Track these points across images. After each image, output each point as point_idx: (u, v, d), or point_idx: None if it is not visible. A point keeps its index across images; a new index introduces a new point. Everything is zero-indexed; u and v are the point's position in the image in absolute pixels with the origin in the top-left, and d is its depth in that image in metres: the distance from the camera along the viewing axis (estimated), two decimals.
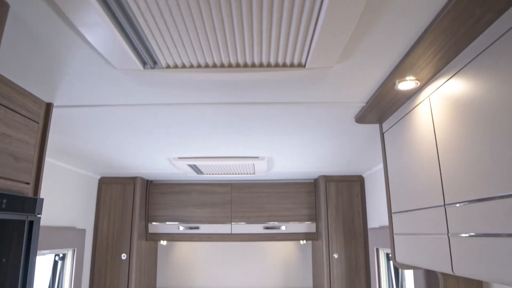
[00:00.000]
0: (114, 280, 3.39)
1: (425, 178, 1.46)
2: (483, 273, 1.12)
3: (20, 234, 1.37)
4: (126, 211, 3.50)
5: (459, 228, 1.23)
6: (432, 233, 1.41)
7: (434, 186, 1.38)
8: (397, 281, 2.98)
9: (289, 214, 3.68)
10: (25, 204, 1.31)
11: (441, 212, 1.33)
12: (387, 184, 1.88)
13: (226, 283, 4.08)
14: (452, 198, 1.26)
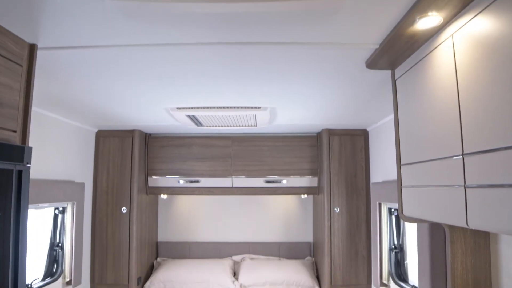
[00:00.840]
0: (116, 233, 3.40)
1: (442, 126, 1.36)
2: (501, 226, 1.05)
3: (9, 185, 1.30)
4: (125, 165, 3.45)
5: (477, 179, 1.15)
6: (446, 185, 1.33)
7: (452, 135, 1.28)
8: (398, 236, 2.98)
9: (290, 168, 3.62)
10: (12, 153, 1.22)
11: (459, 162, 1.24)
12: (397, 135, 1.78)
13: (226, 237, 4.12)
14: (472, 146, 1.17)
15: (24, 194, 1.33)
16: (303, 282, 3.57)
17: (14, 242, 1.40)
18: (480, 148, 1.13)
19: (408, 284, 2.73)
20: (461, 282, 1.71)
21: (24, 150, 1.29)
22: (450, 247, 1.70)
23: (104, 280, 3.39)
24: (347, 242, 3.36)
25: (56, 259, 2.97)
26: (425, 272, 2.09)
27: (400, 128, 1.76)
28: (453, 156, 1.27)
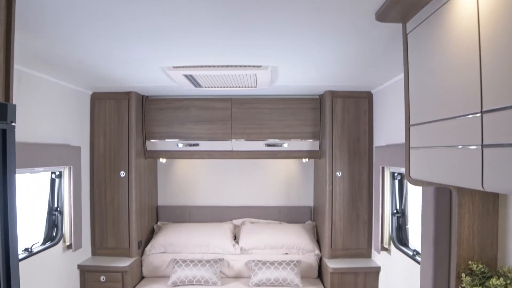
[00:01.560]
0: (115, 197, 3.37)
1: (459, 82, 1.25)
2: None
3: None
4: (122, 128, 3.36)
5: (496, 138, 1.06)
6: (460, 145, 1.24)
7: (470, 91, 1.18)
8: (400, 200, 2.94)
9: (291, 131, 3.54)
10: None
11: (476, 120, 1.14)
12: (406, 94, 1.68)
13: (227, 201, 4.10)
14: (492, 103, 1.07)
15: (10, 155, 1.24)
16: (303, 246, 3.58)
17: (3, 207, 1.33)
18: (501, 104, 1.03)
19: (409, 249, 2.71)
20: (467, 247, 1.67)
21: (7, 107, 1.19)
22: (458, 211, 1.65)
23: (105, 244, 3.40)
24: (348, 207, 3.33)
25: (55, 224, 2.96)
26: (429, 236, 2.05)
27: (411, 86, 1.65)
28: (470, 114, 1.18)
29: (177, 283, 3.30)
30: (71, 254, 3.06)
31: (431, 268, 2.03)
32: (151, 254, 3.59)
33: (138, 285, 3.38)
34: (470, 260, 1.67)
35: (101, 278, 3.17)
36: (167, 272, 3.52)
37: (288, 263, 3.38)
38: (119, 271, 3.18)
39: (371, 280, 3.18)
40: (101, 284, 3.18)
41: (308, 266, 3.52)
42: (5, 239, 1.30)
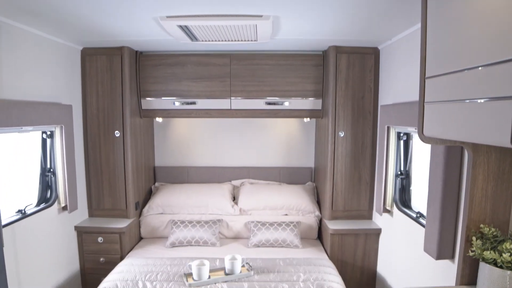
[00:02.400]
0: (110, 157, 3.27)
1: (488, 28, 1.09)
2: None
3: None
4: (116, 86, 3.19)
5: None
6: (484, 98, 1.11)
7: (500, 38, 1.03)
8: (405, 161, 2.84)
9: (293, 89, 3.37)
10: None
11: (506, 69, 1.00)
12: (423, 44, 1.51)
13: (225, 161, 4.01)
14: None
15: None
16: (303, 207, 3.53)
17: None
18: None
19: (412, 211, 2.65)
20: (479, 209, 1.58)
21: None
22: (471, 172, 1.54)
23: (102, 206, 3.34)
24: (351, 168, 3.24)
25: (49, 185, 2.88)
26: (436, 198, 1.96)
27: (428, 36, 1.49)
28: (500, 63, 1.03)
29: (175, 244, 3.28)
30: (67, 215, 3.00)
31: (436, 231, 1.96)
32: (149, 215, 3.54)
33: (137, 246, 3.36)
34: (481, 223, 1.58)
35: (98, 239, 3.14)
36: (165, 233, 3.49)
37: (287, 224, 3.35)
38: (116, 232, 3.14)
39: (372, 241, 3.15)
40: (99, 245, 3.15)
41: (308, 227, 3.49)
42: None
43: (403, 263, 2.65)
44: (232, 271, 2.67)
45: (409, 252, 2.55)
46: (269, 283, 2.56)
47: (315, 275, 2.66)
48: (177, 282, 2.57)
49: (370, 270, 3.20)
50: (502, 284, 1.43)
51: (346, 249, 3.17)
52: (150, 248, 3.28)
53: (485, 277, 1.49)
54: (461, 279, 1.66)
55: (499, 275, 1.43)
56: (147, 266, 2.79)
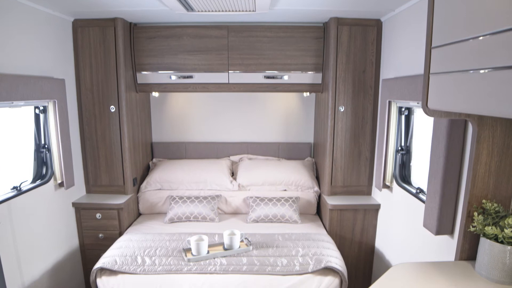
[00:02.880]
0: (106, 133, 3.21)
1: None
2: None
3: None
4: (109, 59, 3.09)
5: None
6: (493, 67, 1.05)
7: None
8: (406, 137, 2.80)
9: (292, 62, 3.27)
10: None
11: None
12: (430, 12, 1.43)
13: (224, 137, 3.97)
14: None
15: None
16: (302, 183, 3.51)
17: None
18: None
19: (412, 187, 2.62)
20: (481, 185, 1.55)
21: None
22: (476, 146, 1.49)
23: (99, 182, 3.32)
24: (350, 143, 3.20)
25: (44, 161, 2.84)
26: (437, 173, 1.93)
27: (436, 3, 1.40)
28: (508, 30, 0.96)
29: (174, 220, 3.27)
30: (64, 192, 2.98)
31: (437, 206, 1.94)
32: (147, 191, 3.53)
33: (135, 221, 3.36)
34: (483, 199, 1.55)
35: (97, 215, 3.13)
36: (164, 208, 3.49)
37: (286, 200, 3.34)
38: (114, 208, 3.13)
39: (370, 217, 3.15)
40: (98, 222, 3.15)
41: (307, 203, 3.49)
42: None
43: (402, 239, 2.65)
44: (231, 246, 2.67)
45: (408, 227, 2.54)
46: (267, 258, 2.56)
47: (313, 249, 2.67)
48: (176, 257, 2.57)
49: (368, 245, 3.21)
50: (502, 259, 1.41)
51: (344, 224, 3.17)
52: (149, 223, 3.28)
53: (485, 252, 1.47)
54: (461, 254, 1.65)
55: (499, 250, 1.41)
56: (146, 242, 2.79)
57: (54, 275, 2.84)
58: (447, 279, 1.51)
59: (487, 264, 1.47)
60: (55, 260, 2.87)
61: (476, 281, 1.50)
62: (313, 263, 2.49)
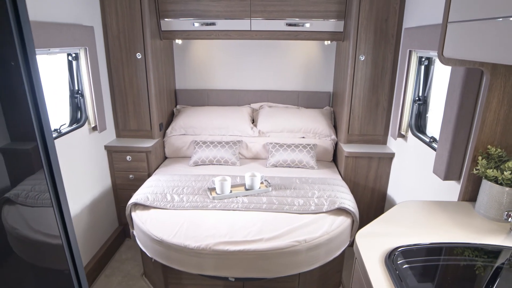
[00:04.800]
0: (133, 80, 3.36)
1: None
2: None
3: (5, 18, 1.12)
4: (134, 6, 3.15)
5: None
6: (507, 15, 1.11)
7: None
8: (424, 87, 2.83)
9: (315, 9, 3.26)
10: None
11: None
12: None
13: (245, 84, 4.07)
14: None
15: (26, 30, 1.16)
16: (320, 131, 3.64)
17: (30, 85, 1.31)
18: None
19: (426, 136, 2.71)
20: (489, 131, 1.64)
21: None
22: (486, 94, 1.57)
23: (128, 126, 3.52)
24: (369, 93, 3.25)
25: (78, 106, 3.03)
26: (449, 121, 2.01)
27: None
28: None
29: (198, 163, 3.50)
30: (97, 135, 3.21)
31: (447, 153, 2.05)
32: (172, 136, 3.73)
33: (162, 164, 3.60)
34: (489, 145, 1.65)
35: (127, 157, 3.37)
36: (188, 152, 3.71)
37: (304, 146, 3.49)
38: (143, 151, 3.36)
39: (384, 165, 3.28)
40: (128, 163, 3.40)
41: (324, 150, 3.63)
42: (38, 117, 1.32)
43: (413, 186, 2.79)
44: (251, 186, 2.88)
45: (419, 174, 2.68)
46: (285, 198, 2.77)
47: (328, 192, 2.86)
48: (201, 196, 2.81)
49: (381, 192, 3.38)
50: (499, 199, 1.55)
51: (359, 171, 3.32)
52: (175, 166, 3.52)
53: (485, 192, 1.61)
54: (464, 196, 1.79)
55: (498, 191, 1.54)
56: (173, 182, 3.03)
57: (92, 210, 3.15)
58: (448, 216, 1.66)
59: (486, 204, 1.61)
60: (92, 197, 3.16)
61: (474, 218, 1.65)
62: (327, 204, 2.69)
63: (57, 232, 1.58)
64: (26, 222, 1.29)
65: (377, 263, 1.31)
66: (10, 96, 1.13)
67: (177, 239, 2.35)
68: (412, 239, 1.45)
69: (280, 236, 2.36)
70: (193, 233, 2.39)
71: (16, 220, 1.10)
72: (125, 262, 3.33)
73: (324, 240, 2.40)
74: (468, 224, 1.59)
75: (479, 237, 1.48)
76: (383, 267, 1.29)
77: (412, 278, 1.24)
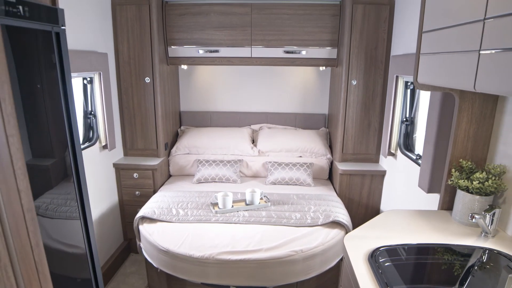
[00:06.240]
0: (141, 102, 3.60)
1: None
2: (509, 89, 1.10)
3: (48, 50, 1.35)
4: (144, 34, 3.43)
5: (493, 44, 1.16)
6: (461, 50, 1.35)
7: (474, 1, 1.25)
8: (411, 109, 3.07)
9: (310, 38, 3.55)
10: (47, 14, 1.25)
11: (478, 27, 1.23)
12: (423, 2, 1.71)
13: (245, 107, 4.32)
14: (495, 10, 1.15)
15: (65, 57, 1.40)
16: (316, 150, 3.86)
17: (65, 104, 1.52)
18: (503, 11, 1.11)
19: (413, 154, 2.93)
20: (461, 147, 1.86)
21: (58, 11, 1.31)
22: (457, 115, 1.80)
23: (135, 146, 3.74)
24: (361, 114, 3.49)
25: (91, 126, 3.25)
26: (431, 139, 2.24)
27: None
28: (474, 21, 1.26)
29: (201, 180, 3.69)
30: (106, 153, 3.42)
31: (429, 168, 2.26)
32: (177, 155, 3.95)
33: (167, 182, 3.80)
34: (461, 158, 1.87)
35: (134, 175, 3.57)
36: (192, 171, 3.91)
37: (301, 165, 3.70)
38: (149, 169, 3.56)
39: (377, 182, 3.49)
40: (135, 180, 3.59)
41: (320, 168, 3.84)
42: (70, 133, 1.53)
43: (403, 199, 2.99)
44: (252, 201, 3.07)
45: (407, 189, 2.88)
46: (283, 212, 2.96)
47: (324, 207, 3.05)
48: (205, 210, 3.00)
49: (374, 207, 3.57)
50: (471, 206, 1.75)
51: (353, 188, 3.52)
52: (179, 183, 3.72)
53: (459, 201, 1.81)
54: (442, 205, 1.99)
55: (469, 199, 1.75)
56: (178, 197, 3.22)
57: (99, 225, 3.31)
58: (427, 222, 1.86)
59: (460, 211, 1.81)
60: (100, 212, 3.33)
61: (451, 224, 1.84)
62: (322, 217, 2.87)
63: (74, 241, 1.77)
64: (46, 232, 1.46)
65: (361, 261, 1.50)
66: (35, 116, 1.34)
67: (183, 249, 2.52)
68: (393, 240, 1.65)
69: (278, 247, 2.54)
70: (198, 244, 2.56)
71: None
72: (129, 275, 3.48)
73: (320, 250, 2.58)
74: (445, 229, 1.78)
75: (453, 239, 1.68)
76: (366, 264, 1.48)
77: (391, 273, 1.43)
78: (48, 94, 1.53)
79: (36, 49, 1.32)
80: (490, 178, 1.68)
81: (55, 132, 1.66)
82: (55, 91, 1.48)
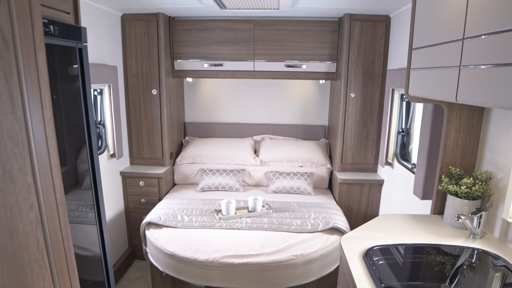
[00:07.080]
0: (148, 113, 3.75)
1: (451, 12, 1.46)
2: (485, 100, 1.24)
3: (64, 64, 1.50)
4: (152, 49, 3.60)
5: (471, 60, 1.30)
6: (445, 66, 1.49)
7: (457, 20, 1.40)
8: (406, 121, 3.21)
9: (310, 53, 3.72)
10: (72, 32, 1.40)
11: (458, 46, 1.38)
12: (412, 20, 1.87)
13: (248, 118, 4.47)
14: (471, 31, 1.30)
15: (87, 71, 1.55)
16: (316, 160, 3.98)
17: (85, 113, 1.68)
18: (478, 32, 1.26)
19: (409, 163, 3.06)
20: (450, 155, 1.99)
21: (81, 29, 1.47)
22: (446, 125, 1.94)
23: (142, 155, 3.87)
24: (359, 126, 3.63)
25: (100, 135, 3.39)
26: (424, 148, 2.36)
27: (417, 13, 1.84)
28: (455, 41, 1.41)
29: (205, 189, 3.82)
30: (114, 161, 3.55)
31: (422, 176, 2.38)
32: (181, 164, 4.07)
33: (171, 190, 3.92)
34: (451, 165, 2.00)
35: (140, 183, 3.70)
36: (196, 180, 4.03)
37: (302, 174, 3.82)
38: (155, 177, 3.69)
39: (375, 191, 3.60)
40: (141, 188, 3.72)
41: (320, 178, 3.96)
42: (88, 140, 1.68)
43: (399, 206, 3.10)
44: (254, 209, 3.19)
45: (404, 196, 3.00)
46: (285, 219, 3.07)
47: (323, 214, 3.16)
48: (209, 216, 3.12)
49: (373, 215, 3.67)
50: (460, 210, 1.87)
51: (352, 196, 3.64)
52: (184, 191, 3.84)
53: (449, 205, 1.93)
54: (434, 210, 2.11)
55: (458, 203, 1.87)
56: (183, 204, 3.34)
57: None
58: (419, 225, 1.98)
59: (451, 214, 1.93)
60: (106, 218, 3.43)
61: (441, 227, 1.96)
62: (322, 224, 2.98)
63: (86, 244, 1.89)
64: None
65: (357, 259, 1.62)
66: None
67: (188, 253, 2.63)
68: (386, 241, 1.76)
69: (280, 251, 2.65)
70: (202, 248, 2.68)
71: None
72: (134, 281, 3.57)
73: (319, 255, 2.69)
74: (436, 231, 1.90)
75: (443, 240, 1.79)
76: (361, 262, 1.59)
77: (385, 270, 1.55)
78: (63, 105, 1.68)
79: (52, 63, 1.47)
80: (477, 183, 1.81)
81: (69, 141, 1.80)
82: (70, 102, 1.63)
